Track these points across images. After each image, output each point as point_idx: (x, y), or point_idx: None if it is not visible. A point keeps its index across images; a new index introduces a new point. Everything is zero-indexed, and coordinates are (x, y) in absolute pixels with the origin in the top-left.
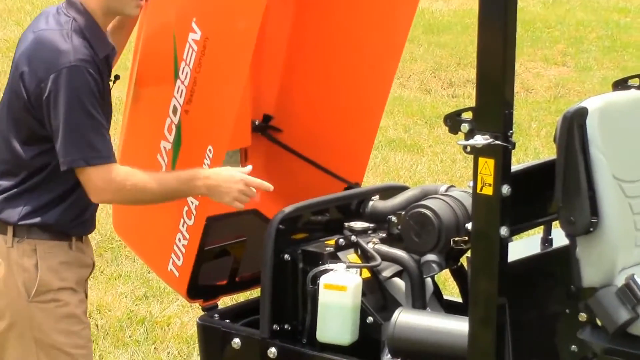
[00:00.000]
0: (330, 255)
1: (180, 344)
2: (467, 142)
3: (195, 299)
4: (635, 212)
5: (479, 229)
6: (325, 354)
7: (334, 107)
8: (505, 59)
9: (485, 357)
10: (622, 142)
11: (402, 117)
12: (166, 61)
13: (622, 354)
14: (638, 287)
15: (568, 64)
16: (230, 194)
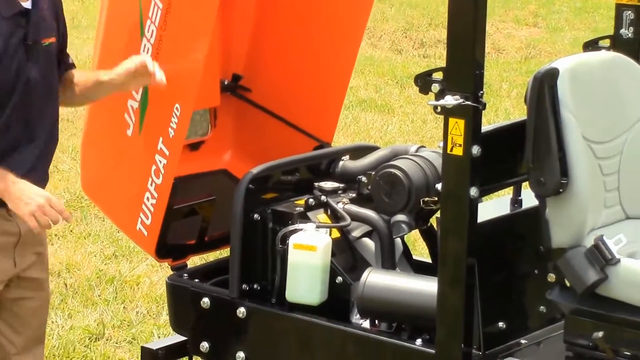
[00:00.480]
0: (299, 215)
1: (150, 303)
2: (438, 102)
3: (164, 259)
4: (605, 174)
5: (449, 190)
6: (295, 313)
7: (303, 66)
8: (476, 19)
9: (454, 318)
10: (593, 103)
11: (373, 77)
12: (132, 19)
13: (591, 315)
14: (607, 248)
15: (539, 24)
16: (29, 205)
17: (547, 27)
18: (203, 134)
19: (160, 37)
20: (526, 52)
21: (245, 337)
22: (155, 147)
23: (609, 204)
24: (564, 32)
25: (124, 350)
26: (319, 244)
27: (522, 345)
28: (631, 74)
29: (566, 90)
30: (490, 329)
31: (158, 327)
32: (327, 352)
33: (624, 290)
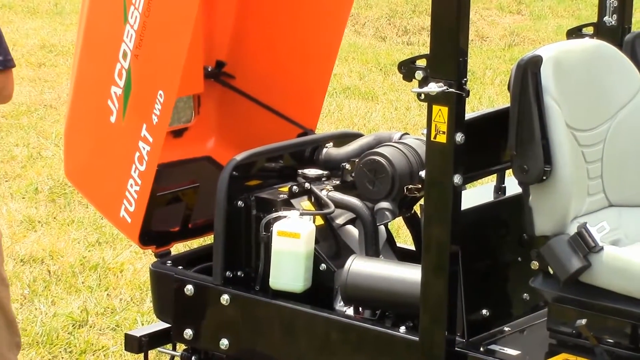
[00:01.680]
0: (283, 202)
1: (133, 290)
2: (421, 89)
3: (148, 246)
4: (588, 161)
5: (433, 177)
6: (278, 301)
7: (287, 52)
8: (460, 6)
9: (437, 305)
10: (576, 91)
11: (357, 65)
12: (115, 5)
13: (574, 302)
14: (590, 236)
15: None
16: None
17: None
18: (187, 121)
19: (144, 23)
20: (510, 40)
21: (229, 324)
22: (138, 133)
23: (592, 191)
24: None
25: (108, 337)
26: (302, 231)
27: (505, 332)
28: (614, 61)
29: (549, 77)
30: (473, 317)
31: (142, 314)
32: (311, 339)
33: (607, 277)
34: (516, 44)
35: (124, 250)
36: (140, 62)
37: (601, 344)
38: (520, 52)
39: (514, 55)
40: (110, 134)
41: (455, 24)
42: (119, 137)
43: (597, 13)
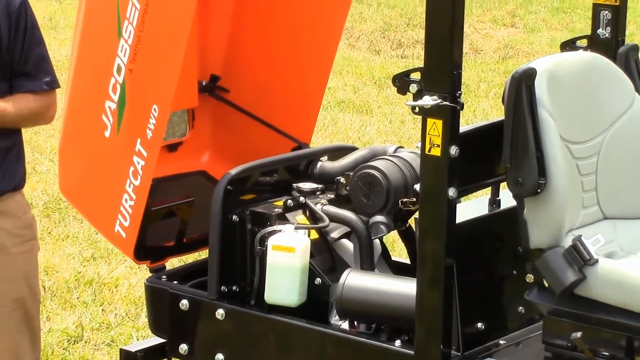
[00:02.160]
0: (278, 216)
1: (128, 305)
2: (416, 102)
3: (143, 261)
4: (583, 174)
5: (427, 190)
6: (273, 315)
7: (281, 66)
8: (454, 19)
9: (432, 318)
10: (570, 103)
11: (351, 78)
12: (109, 20)
13: (569, 315)
14: (585, 249)
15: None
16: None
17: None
18: (181, 135)
19: (138, 37)
20: (504, 53)
21: (224, 338)
22: (133, 148)
23: (587, 204)
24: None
25: (103, 353)
26: (297, 245)
27: (500, 345)
28: (608, 74)
29: (544, 90)
30: (469, 330)
31: (137, 330)
32: (306, 353)
33: (602, 290)
34: (510, 56)
35: (118, 265)
36: (135, 77)
37: (597, 356)
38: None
39: (508, 68)
40: (104, 149)
41: (449, 37)
42: (113, 152)
43: (591, 26)
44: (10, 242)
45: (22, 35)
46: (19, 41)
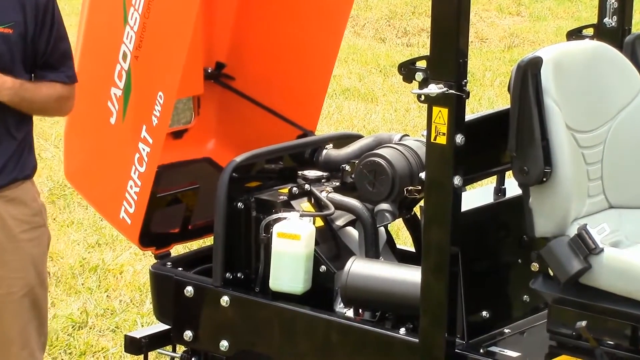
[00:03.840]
0: (283, 203)
1: (133, 291)
2: (421, 91)
3: (148, 247)
4: (589, 163)
5: (433, 178)
6: (278, 302)
7: (286, 54)
8: (460, 7)
9: (437, 307)
10: (577, 92)
11: (357, 66)
12: (115, 6)
13: (574, 304)
14: (590, 238)
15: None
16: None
17: (530, 16)
18: (186, 122)
19: (144, 24)
20: (509, 41)
21: (229, 325)
22: (138, 135)
23: (593, 193)
24: (547, 21)
25: (108, 339)
26: (302, 232)
27: (505, 334)
28: (614, 63)
29: (549, 79)
30: (473, 318)
31: (141, 316)
32: (311, 341)
33: (608, 279)
34: (516, 45)
35: (123, 251)
36: (140, 64)
37: (601, 345)
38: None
39: (513, 56)
40: (110, 136)
41: (455, 25)
42: (118, 139)
43: (597, 14)
44: (19, 229)
45: (48, 29)
46: (45, 35)
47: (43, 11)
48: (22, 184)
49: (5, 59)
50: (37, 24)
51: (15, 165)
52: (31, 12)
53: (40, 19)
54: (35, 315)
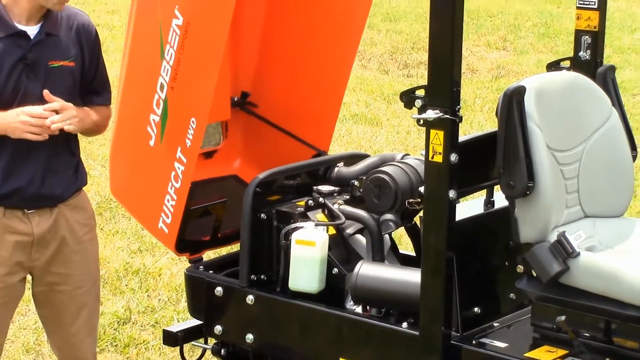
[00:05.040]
0: (300, 214)
1: (170, 291)
2: (420, 116)
3: (183, 253)
4: (566, 178)
5: (430, 192)
6: (296, 300)
7: (303, 84)
8: (453, 43)
9: (435, 304)
10: (556, 116)
11: (364, 95)
12: (153, 44)
13: (554, 301)
14: (568, 243)
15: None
16: (15, 128)
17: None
18: (216, 144)
19: (178, 59)
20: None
21: (254, 321)
22: (174, 155)
23: (570, 204)
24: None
25: (148, 333)
26: (317, 239)
27: (494, 327)
28: (588, 91)
29: (532, 105)
30: (467, 314)
31: (178, 313)
32: (325, 334)
33: (584, 279)
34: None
35: (162, 257)
36: (176, 93)
37: (578, 337)
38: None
39: (500, 86)
40: (149, 156)
41: (450, 58)
42: (157, 159)
43: (573, 49)
44: (82, 232)
45: (95, 60)
46: (93, 65)
47: (94, 44)
48: (80, 192)
49: (71, 89)
50: (91, 57)
51: (76, 178)
52: (86, 46)
53: (91, 51)
54: (97, 306)
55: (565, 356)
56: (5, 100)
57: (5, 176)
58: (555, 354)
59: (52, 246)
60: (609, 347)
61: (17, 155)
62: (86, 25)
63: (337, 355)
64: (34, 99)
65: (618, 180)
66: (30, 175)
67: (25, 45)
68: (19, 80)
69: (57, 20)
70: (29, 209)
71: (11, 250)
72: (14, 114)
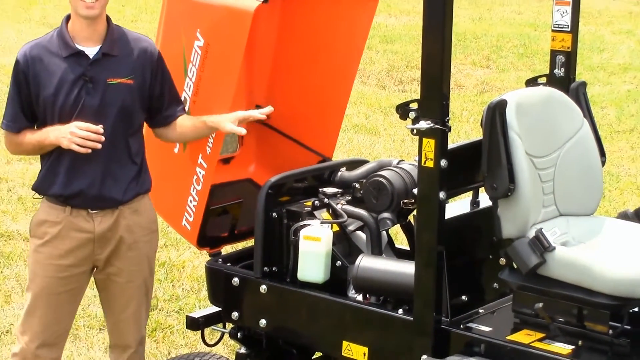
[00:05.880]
0: (308, 213)
1: (192, 282)
2: (414, 126)
3: (204, 247)
4: (543, 181)
5: (423, 193)
6: (304, 289)
7: (310, 98)
8: (443, 62)
9: (427, 293)
10: (534, 126)
11: (364, 107)
12: (177, 63)
13: (533, 290)
14: (545, 238)
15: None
16: (64, 138)
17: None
18: (233, 151)
19: (200, 76)
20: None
21: (266, 308)
22: (196, 161)
23: (546, 204)
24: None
25: (173, 318)
26: (323, 235)
27: (480, 313)
28: (563, 104)
29: (513, 116)
30: (455, 301)
31: (199, 300)
32: (329, 319)
33: (559, 271)
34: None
35: (185, 251)
36: (197, 106)
37: (554, 322)
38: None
39: (484, 100)
40: (174, 162)
41: (440, 75)
42: (181, 164)
43: (549, 67)
44: (140, 233)
45: (159, 78)
46: (158, 82)
47: (155, 64)
48: (142, 197)
49: (128, 104)
50: (151, 74)
51: (136, 184)
52: (147, 66)
53: (153, 70)
54: (146, 300)
55: (542, 339)
56: (65, 112)
57: (69, 178)
58: (533, 337)
59: (111, 243)
60: (581, 331)
61: (78, 159)
62: (147, 48)
63: (340, 338)
64: (91, 112)
65: (589, 183)
66: (90, 178)
67: (84, 64)
68: (79, 95)
69: (116, 43)
70: (92, 209)
71: (76, 245)
72: (67, 126)
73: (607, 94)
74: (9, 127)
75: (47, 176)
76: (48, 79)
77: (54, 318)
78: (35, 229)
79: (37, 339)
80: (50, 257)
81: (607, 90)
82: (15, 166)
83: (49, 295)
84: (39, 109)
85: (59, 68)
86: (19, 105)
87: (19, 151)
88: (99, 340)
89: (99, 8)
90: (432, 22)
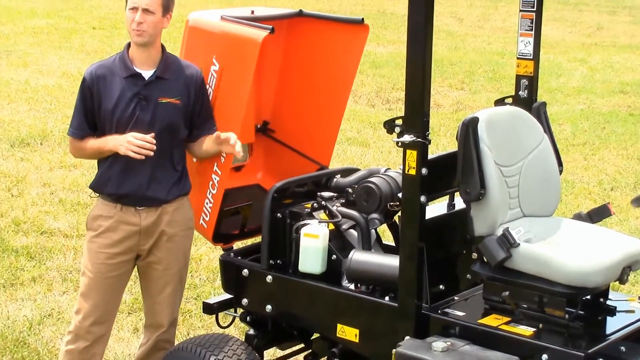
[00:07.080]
0: (307, 214)
1: (208, 273)
2: (399, 139)
3: (218, 243)
4: (509, 187)
5: (406, 197)
6: (304, 280)
7: (310, 115)
8: (424, 85)
9: (410, 283)
10: (501, 140)
11: (356, 123)
12: None
13: (500, 281)
14: (511, 236)
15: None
16: (122, 145)
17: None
18: (243, 160)
19: (215, 96)
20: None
21: (272, 295)
22: (212, 169)
23: (512, 206)
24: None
25: (191, 304)
26: (320, 233)
27: (455, 300)
28: (526, 121)
29: (483, 131)
30: (434, 290)
31: (214, 289)
32: (326, 305)
33: (523, 264)
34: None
35: (202, 246)
36: None
37: (518, 308)
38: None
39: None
40: (192, 169)
41: (421, 96)
42: (198, 171)
43: (515, 89)
44: (178, 228)
45: (200, 100)
46: (198, 103)
47: (199, 88)
48: (182, 198)
49: (174, 120)
50: (195, 97)
51: (178, 187)
52: (192, 89)
53: (196, 93)
54: (180, 287)
55: (508, 322)
56: (122, 124)
57: (121, 181)
58: (501, 321)
59: (154, 236)
60: (541, 316)
61: (129, 165)
62: (193, 74)
63: (335, 321)
64: (143, 125)
65: (549, 189)
66: (138, 182)
67: (140, 84)
68: (134, 111)
69: (169, 68)
70: (140, 206)
71: (124, 236)
72: (124, 135)
73: (563, 113)
74: (75, 134)
75: (102, 178)
76: (109, 95)
77: (104, 299)
78: (91, 223)
79: (89, 317)
80: (102, 246)
81: (564, 109)
82: (57, 173)
83: (100, 280)
84: (100, 120)
85: (118, 86)
86: (83, 116)
87: (81, 155)
88: (128, 323)
89: (147, 37)
90: (414, 50)
